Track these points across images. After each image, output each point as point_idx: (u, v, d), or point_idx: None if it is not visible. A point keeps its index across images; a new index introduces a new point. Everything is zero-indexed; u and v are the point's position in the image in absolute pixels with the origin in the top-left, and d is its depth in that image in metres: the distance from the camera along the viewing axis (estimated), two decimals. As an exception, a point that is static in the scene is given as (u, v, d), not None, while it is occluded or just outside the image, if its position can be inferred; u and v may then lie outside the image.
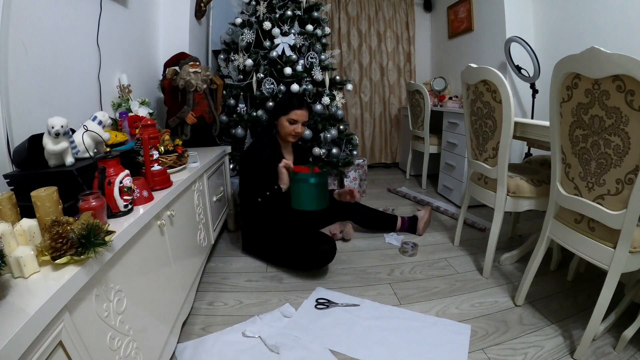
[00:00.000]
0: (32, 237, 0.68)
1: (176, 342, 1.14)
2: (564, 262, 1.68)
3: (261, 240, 1.75)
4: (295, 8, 2.41)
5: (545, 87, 2.32)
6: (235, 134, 2.33)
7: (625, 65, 0.86)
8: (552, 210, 1.26)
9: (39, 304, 0.52)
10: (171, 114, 1.90)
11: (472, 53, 3.12)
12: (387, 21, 3.74)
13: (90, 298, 0.67)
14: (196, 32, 2.49)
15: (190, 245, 1.35)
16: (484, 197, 1.65)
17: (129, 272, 0.83)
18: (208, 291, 1.52)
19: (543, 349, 1.17)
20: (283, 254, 1.67)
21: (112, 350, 0.73)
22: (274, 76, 2.33)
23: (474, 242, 2.00)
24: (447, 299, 1.46)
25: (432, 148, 3.02)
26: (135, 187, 0.93)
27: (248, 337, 1.22)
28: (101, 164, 0.84)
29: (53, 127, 0.87)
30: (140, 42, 1.97)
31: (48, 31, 1.20)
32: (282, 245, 1.66)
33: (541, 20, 2.54)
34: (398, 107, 3.91)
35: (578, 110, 1.05)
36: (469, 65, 1.58)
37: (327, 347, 1.18)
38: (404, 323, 1.30)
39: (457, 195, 2.61)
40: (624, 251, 0.99)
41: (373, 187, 3.17)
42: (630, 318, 1.18)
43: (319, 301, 1.42)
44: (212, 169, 1.76)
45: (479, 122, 1.60)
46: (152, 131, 1.10)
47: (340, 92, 2.49)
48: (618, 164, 0.95)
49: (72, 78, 1.34)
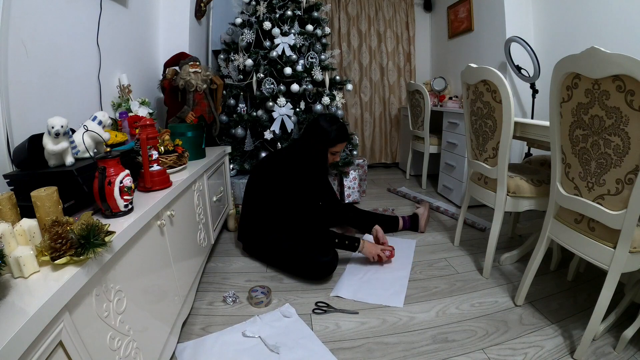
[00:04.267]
0: (32, 237, 0.68)
1: (176, 342, 1.13)
2: (564, 262, 1.68)
3: (263, 248, 1.72)
4: (295, 8, 2.41)
5: (545, 87, 2.32)
6: (235, 134, 2.33)
7: (625, 65, 0.86)
8: (552, 210, 1.26)
9: (38, 304, 0.52)
10: (171, 114, 1.90)
11: (472, 53, 3.12)
12: (387, 21, 3.74)
13: (90, 298, 0.67)
14: (196, 32, 2.49)
15: (190, 245, 1.35)
16: (484, 197, 1.65)
17: (129, 272, 0.83)
18: (208, 291, 1.52)
19: (543, 349, 1.17)
20: (286, 267, 1.65)
21: (112, 350, 0.73)
22: (274, 76, 2.34)
23: (474, 242, 2.00)
24: (447, 299, 1.46)
25: (432, 148, 3.01)
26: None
27: (248, 337, 1.22)
28: (101, 164, 0.84)
29: (53, 127, 0.87)
30: (140, 42, 1.97)
31: (48, 31, 1.20)
32: (284, 257, 1.64)
33: (541, 20, 2.54)
34: (398, 107, 3.91)
35: (578, 110, 1.05)
36: (469, 65, 1.58)
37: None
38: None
39: (457, 195, 2.61)
40: (624, 251, 0.99)
41: (373, 187, 3.17)
42: (630, 318, 1.18)
43: (318, 304, 1.42)
44: (212, 169, 1.76)
45: (479, 122, 1.60)
46: (150, 131, 1.10)
47: (340, 92, 2.49)
48: (618, 164, 0.95)
49: (72, 78, 1.34)
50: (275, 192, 1.68)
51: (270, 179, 1.71)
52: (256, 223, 1.74)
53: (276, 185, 1.68)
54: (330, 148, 1.67)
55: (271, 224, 1.71)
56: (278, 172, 1.69)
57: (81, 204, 0.91)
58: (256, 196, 1.74)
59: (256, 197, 1.74)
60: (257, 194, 1.74)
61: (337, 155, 1.71)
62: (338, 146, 1.67)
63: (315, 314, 1.37)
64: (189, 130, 1.63)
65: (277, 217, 1.69)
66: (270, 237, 1.68)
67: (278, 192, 1.68)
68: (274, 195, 1.69)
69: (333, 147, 1.66)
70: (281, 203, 1.67)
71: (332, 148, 1.67)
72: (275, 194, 1.68)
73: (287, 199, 1.66)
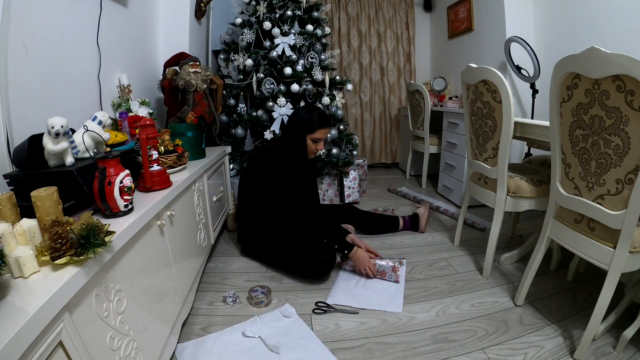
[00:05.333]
0: (32, 237, 0.68)
1: (176, 342, 1.14)
2: (564, 262, 1.68)
3: (261, 247, 1.73)
4: (295, 8, 2.41)
5: (545, 87, 2.32)
6: (235, 134, 2.33)
7: (625, 65, 0.86)
8: (552, 210, 1.26)
9: (38, 304, 0.52)
10: (171, 114, 1.90)
11: (472, 53, 3.12)
12: (387, 21, 3.74)
13: (90, 298, 0.67)
14: (196, 32, 2.49)
15: (190, 245, 1.35)
16: (484, 197, 1.65)
17: (129, 272, 0.83)
18: (208, 291, 1.52)
19: (543, 349, 1.17)
20: (284, 264, 1.66)
21: (112, 350, 0.73)
22: (274, 76, 2.33)
23: (474, 242, 2.00)
24: (447, 299, 1.46)
25: (432, 148, 3.01)
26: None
27: (248, 337, 1.22)
28: (101, 164, 0.84)
29: (53, 127, 0.87)
30: (140, 42, 1.97)
31: (48, 31, 1.20)
32: (282, 256, 1.64)
33: (541, 20, 2.54)
34: (398, 107, 3.91)
35: (578, 110, 1.05)
36: (469, 65, 1.58)
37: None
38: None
39: (457, 195, 2.61)
40: (624, 251, 0.99)
41: (373, 187, 3.17)
42: (630, 318, 1.18)
43: (318, 305, 1.42)
44: (212, 169, 1.77)
45: (479, 122, 1.60)
46: (150, 131, 1.10)
47: (340, 92, 2.49)
48: (618, 164, 0.95)
49: (72, 78, 1.34)
50: (262, 184, 1.71)
51: (255, 171, 1.74)
52: (250, 217, 1.76)
53: (261, 176, 1.71)
54: (309, 135, 1.66)
55: (263, 215, 1.72)
56: (261, 163, 1.72)
57: (81, 204, 0.91)
58: (246, 190, 1.77)
59: (246, 191, 1.76)
60: (247, 188, 1.76)
61: (320, 142, 1.69)
62: (318, 132, 1.65)
63: (315, 314, 1.37)
64: (189, 130, 1.63)
65: (267, 208, 1.70)
66: (265, 228, 1.70)
67: (264, 183, 1.70)
68: (261, 187, 1.71)
69: (312, 134, 1.65)
70: (268, 194, 1.69)
71: (312, 135, 1.65)
72: (261, 185, 1.71)
73: (272, 189, 1.68)
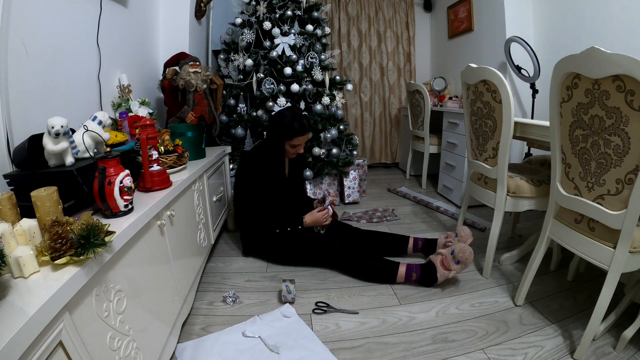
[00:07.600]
0: (32, 237, 0.68)
1: (176, 342, 1.14)
2: (564, 262, 1.68)
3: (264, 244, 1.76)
4: (295, 8, 2.41)
5: (545, 87, 2.32)
6: (235, 134, 2.33)
7: (625, 65, 0.86)
8: (552, 210, 1.26)
9: (39, 304, 0.52)
10: (171, 114, 1.90)
11: (472, 53, 3.11)
12: (387, 21, 3.74)
13: (90, 298, 0.67)
14: (196, 32, 2.49)
15: (190, 245, 1.35)
16: (484, 197, 1.65)
17: (129, 272, 0.83)
18: (208, 291, 1.52)
19: (543, 349, 1.17)
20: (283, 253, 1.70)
21: (112, 350, 0.73)
22: (274, 76, 2.33)
23: (474, 242, 1.97)
24: (447, 299, 1.46)
25: (432, 148, 3.02)
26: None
27: (248, 337, 1.22)
28: (101, 164, 0.84)
29: (53, 127, 0.87)
30: (140, 42, 1.97)
31: (48, 31, 1.20)
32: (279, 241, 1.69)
33: (541, 20, 2.54)
34: (398, 107, 3.91)
35: (578, 110, 1.05)
36: (469, 65, 1.58)
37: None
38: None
39: (457, 195, 2.61)
40: (624, 251, 0.99)
41: (373, 187, 3.17)
42: (630, 318, 1.18)
43: (318, 304, 1.42)
44: (212, 169, 1.77)
45: (479, 122, 1.60)
46: (150, 131, 1.10)
47: (340, 92, 2.49)
48: (618, 164, 0.95)
49: (72, 78, 1.34)
50: (243, 184, 1.74)
51: (239, 171, 1.77)
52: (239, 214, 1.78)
53: (243, 176, 1.74)
54: (287, 141, 1.68)
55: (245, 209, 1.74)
56: (243, 164, 1.75)
57: (81, 204, 0.91)
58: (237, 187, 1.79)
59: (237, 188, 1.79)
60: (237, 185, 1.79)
61: (299, 147, 1.72)
62: (295, 140, 1.67)
63: (315, 314, 1.37)
64: (189, 130, 1.64)
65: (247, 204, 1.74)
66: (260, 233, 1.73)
67: (245, 183, 1.73)
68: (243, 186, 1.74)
69: (290, 141, 1.67)
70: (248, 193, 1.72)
71: (290, 141, 1.68)
72: (243, 185, 1.74)
73: (251, 189, 1.71)
